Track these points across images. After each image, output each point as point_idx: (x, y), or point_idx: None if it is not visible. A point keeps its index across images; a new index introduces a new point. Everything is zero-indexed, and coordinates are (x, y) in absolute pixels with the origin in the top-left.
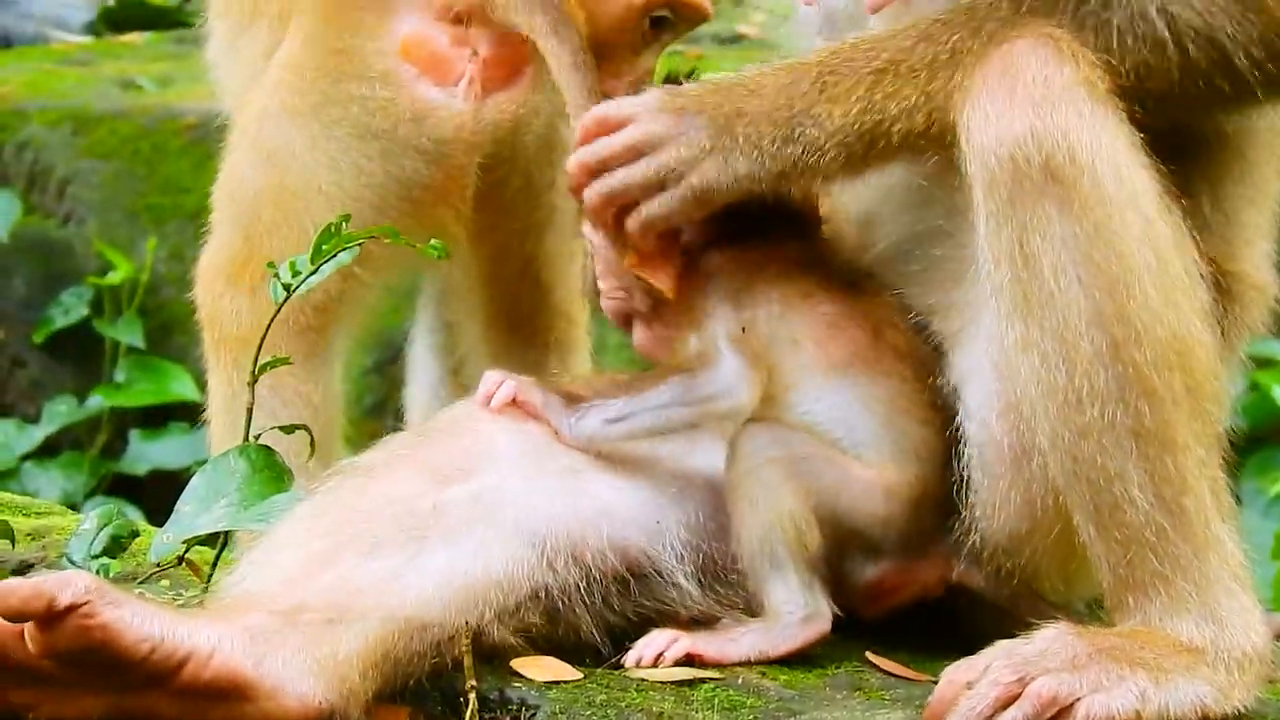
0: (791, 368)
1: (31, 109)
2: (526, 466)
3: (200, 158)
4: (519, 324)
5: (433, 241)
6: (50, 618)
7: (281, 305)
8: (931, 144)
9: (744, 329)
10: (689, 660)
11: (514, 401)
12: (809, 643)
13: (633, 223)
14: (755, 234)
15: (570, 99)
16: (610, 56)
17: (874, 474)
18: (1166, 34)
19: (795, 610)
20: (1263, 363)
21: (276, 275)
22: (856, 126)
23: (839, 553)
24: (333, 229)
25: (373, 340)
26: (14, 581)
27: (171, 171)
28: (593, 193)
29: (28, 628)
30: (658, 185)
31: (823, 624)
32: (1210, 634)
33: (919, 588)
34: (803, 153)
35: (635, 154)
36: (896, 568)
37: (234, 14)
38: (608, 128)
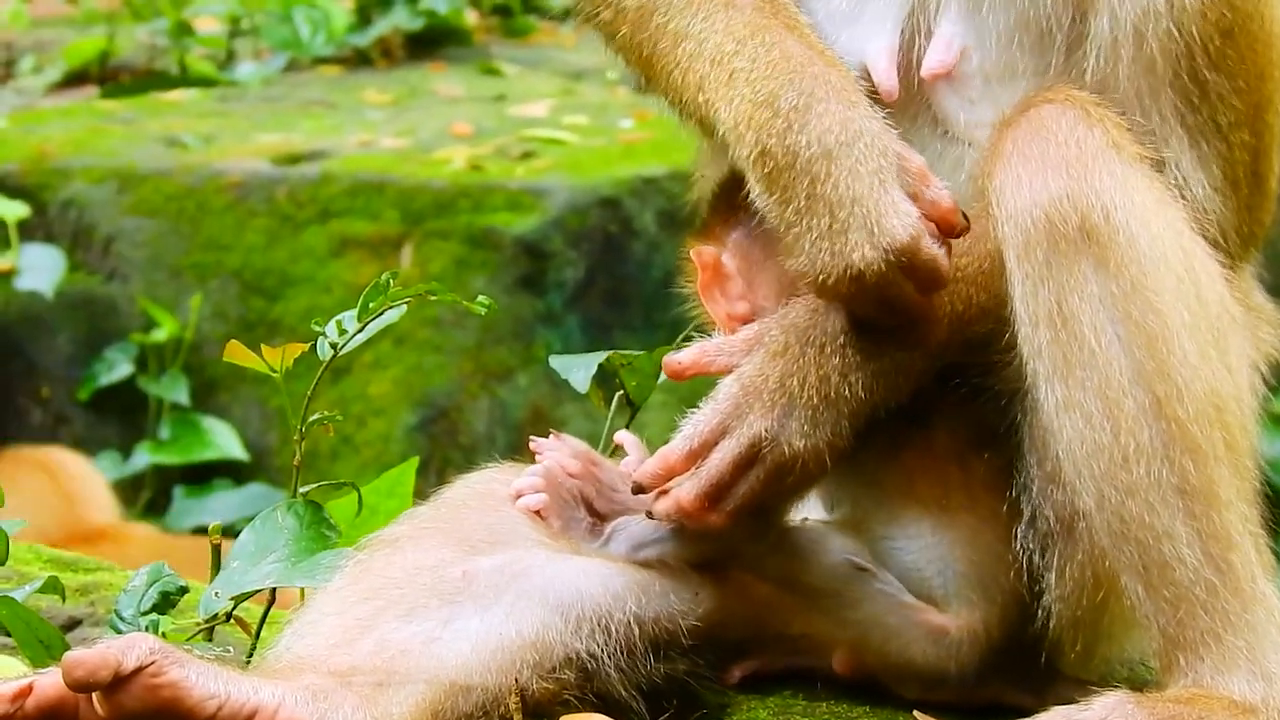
0: (877, 505)
1: (76, 167)
2: (552, 541)
3: (244, 215)
4: None
5: (480, 298)
6: (117, 681)
7: (330, 362)
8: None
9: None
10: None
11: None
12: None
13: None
14: None
15: None
16: None
17: (946, 621)
18: None
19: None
20: None
21: (324, 334)
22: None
23: (895, 681)
24: (380, 286)
25: (417, 397)
26: (79, 652)
27: (215, 229)
28: (722, 513)
29: (95, 693)
30: (776, 482)
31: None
32: (1261, 691)
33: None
34: (893, 379)
35: (747, 464)
36: (950, 695)
37: None
38: (705, 449)
